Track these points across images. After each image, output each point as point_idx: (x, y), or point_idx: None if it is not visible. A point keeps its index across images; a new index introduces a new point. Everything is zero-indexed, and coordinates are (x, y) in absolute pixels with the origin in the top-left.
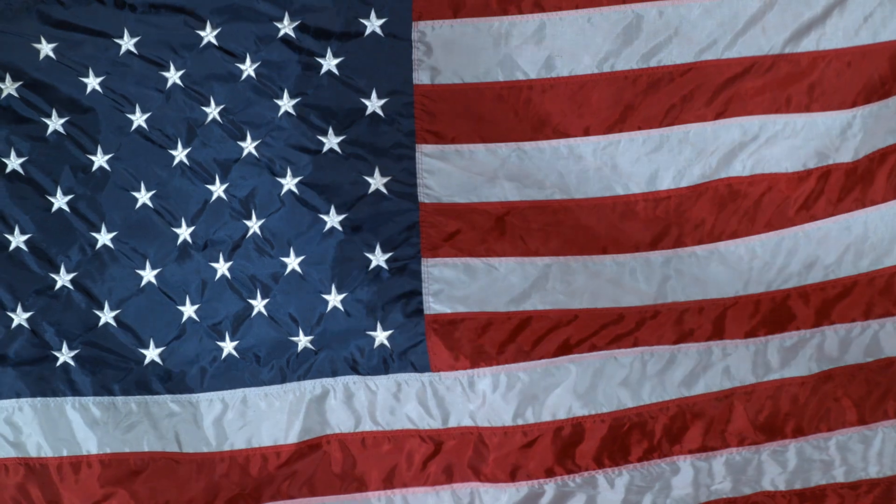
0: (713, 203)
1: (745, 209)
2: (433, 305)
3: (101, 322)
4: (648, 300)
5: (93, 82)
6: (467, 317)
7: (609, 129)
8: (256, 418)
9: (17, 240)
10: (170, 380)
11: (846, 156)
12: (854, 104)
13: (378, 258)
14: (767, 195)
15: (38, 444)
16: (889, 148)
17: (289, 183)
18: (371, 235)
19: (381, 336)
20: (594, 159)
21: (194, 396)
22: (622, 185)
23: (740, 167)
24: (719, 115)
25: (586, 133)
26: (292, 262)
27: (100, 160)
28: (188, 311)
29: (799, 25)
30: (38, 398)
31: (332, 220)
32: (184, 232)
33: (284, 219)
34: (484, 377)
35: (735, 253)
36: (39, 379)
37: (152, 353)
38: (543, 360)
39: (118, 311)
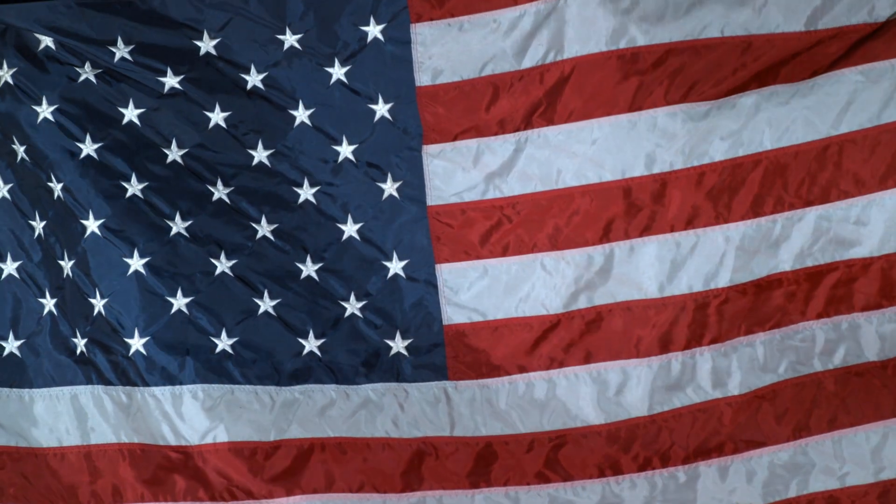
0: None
1: None
2: (450, 315)
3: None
4: (657, 293)
5: (87, 74)
6: (484, 325)
7: (591, 115)
8: (242, 414)
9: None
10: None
11: None
12: None
13: (395, 266)
14: None
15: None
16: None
17: (306, 192)
18: (387, 243)
19: (398, 345)
20: (586, 147)
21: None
22: (611, 173)
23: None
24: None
25: (569, 119)
26: (308, 269)
27: (88, 149)
28: (179, 303)
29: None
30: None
31: (350, 228)
32: (177, 225)
33: (301, 226)
34: (504, 385)
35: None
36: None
37: (137, 343)
38: (560, 370)
39: (107, 299)
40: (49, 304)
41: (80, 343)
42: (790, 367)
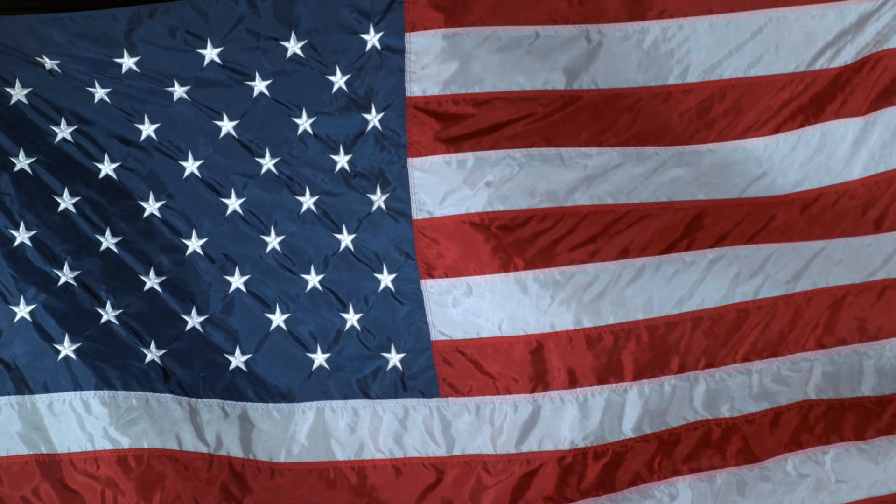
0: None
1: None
2: (437, 331)
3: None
4: (641, 315)
5: (100, 92)
6: (470, 343)
7: (597, 142)
8: (258, 430)
9: (23, 236)
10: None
11: None
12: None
13: (385, 279)
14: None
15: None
16: None
17: (307, 201)
18: (377, 256)
19: (394, 359)
20: (584, 168)
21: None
22: (612, 196)
23: None
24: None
25: (578, 144)
26: (313, 280)
27: (106, 168)
28: (194, 320)
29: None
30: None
31: (345, 239)
32: (193, 243)
33: (304, 237)
34: (490, 404)
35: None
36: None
37: (154, 354)
38: (548, 392)
39: (121, 311)
40: (23, 311)
41: (69, 349)
42: (784, 396)
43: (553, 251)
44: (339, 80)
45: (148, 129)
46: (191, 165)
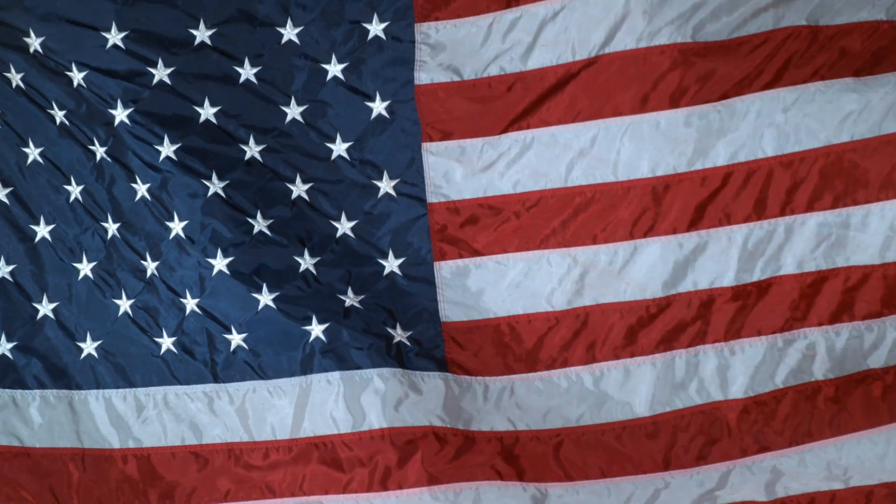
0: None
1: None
2: (448, 313)
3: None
4: (661, 292)
5: (77, 77)
6: (482, 324)
7: (597, 115)
8: (262, 411)
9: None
10: (186, 371)
11: None
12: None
13: (391, 264)
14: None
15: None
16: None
17: (299, 189)
18: (383, 241)
19: (399, 334)
20: (590, 147)
21: (209, 387)
22: (614, 174)
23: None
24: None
25: (575, 119)
26: (306, 263)
27: (99, 152)
28: (190, 304)
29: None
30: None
31: (344, 226)
32: (176, 226)
33: (295, 222)
34: (499, 384)
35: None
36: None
37: (166, 343)
38: (558, 370)
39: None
40: (45, 308)
41: (91, 346)
42: (791, 375)
43: (570, 231)
44: (334, 69)
45: (121, 115)
46: (167, 149)
